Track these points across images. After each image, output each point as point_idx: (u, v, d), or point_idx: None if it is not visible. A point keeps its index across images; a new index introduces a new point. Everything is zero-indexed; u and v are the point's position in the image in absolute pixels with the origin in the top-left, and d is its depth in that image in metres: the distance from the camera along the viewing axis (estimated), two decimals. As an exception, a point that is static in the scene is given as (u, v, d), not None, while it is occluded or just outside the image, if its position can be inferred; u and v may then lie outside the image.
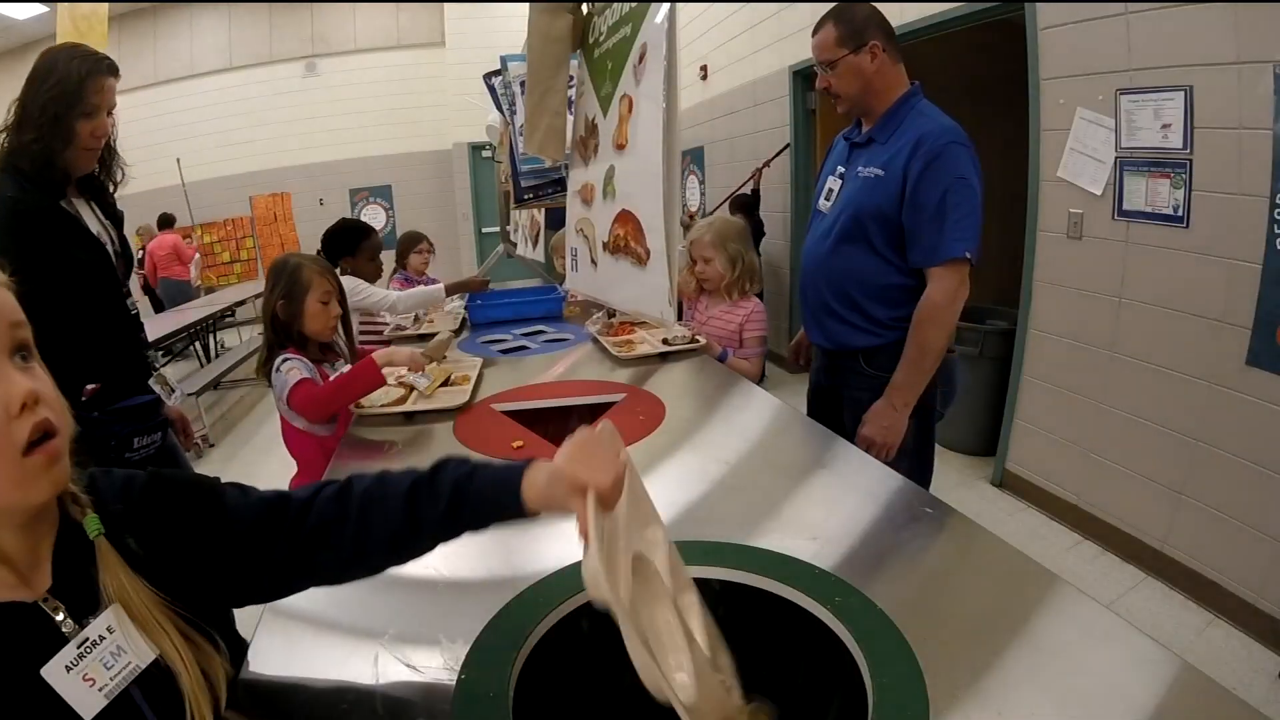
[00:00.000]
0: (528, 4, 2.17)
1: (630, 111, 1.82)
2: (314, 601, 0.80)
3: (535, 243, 3.86)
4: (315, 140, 8.49)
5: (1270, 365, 1.94)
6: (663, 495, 1.09)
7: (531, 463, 0.70)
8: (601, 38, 2.01)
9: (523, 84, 2.38)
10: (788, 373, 4.74)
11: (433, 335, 2.06)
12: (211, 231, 8.62)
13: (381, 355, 1.61)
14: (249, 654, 0.76)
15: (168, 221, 7.35)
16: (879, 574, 0.83)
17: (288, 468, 1.86)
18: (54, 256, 1.37)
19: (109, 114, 1.46)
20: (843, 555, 0.88)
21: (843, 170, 1.72)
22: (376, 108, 8.51)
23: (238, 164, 8.41)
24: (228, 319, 6.47)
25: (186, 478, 0.70)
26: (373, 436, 1.49)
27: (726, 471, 1.17)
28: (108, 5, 3.84)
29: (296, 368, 1.61)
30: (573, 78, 2.29)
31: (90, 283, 1.46)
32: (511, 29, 4.04)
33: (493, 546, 0.98)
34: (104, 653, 0.57)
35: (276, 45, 8.39)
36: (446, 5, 8.28)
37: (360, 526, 0.69)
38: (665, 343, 1.97)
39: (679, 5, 1.64)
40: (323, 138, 8.49)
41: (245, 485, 0.71)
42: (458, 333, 2.48)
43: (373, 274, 2.72)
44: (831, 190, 1.73)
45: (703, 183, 5.96)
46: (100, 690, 0.56)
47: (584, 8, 2.14)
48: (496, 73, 2.94)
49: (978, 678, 0.66)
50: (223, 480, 0.71)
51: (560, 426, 1.65)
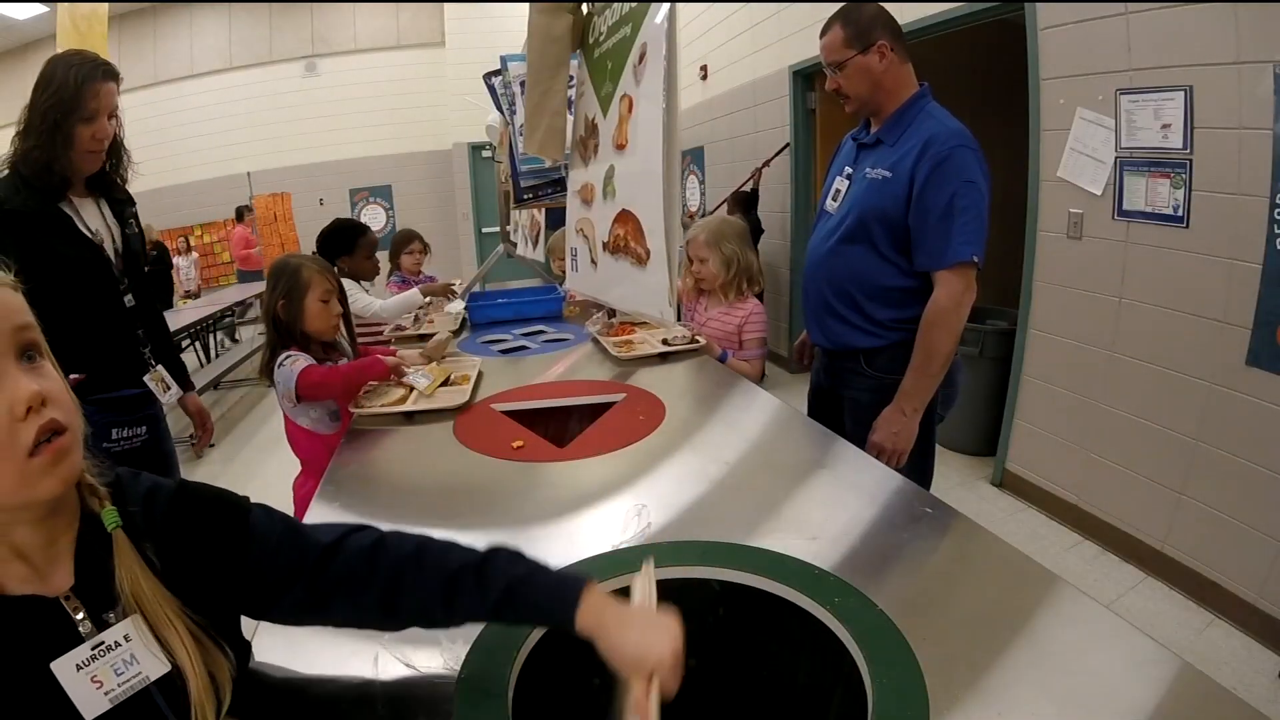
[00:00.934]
0: (528, 4, 2.16)
1: (630, 111, 1.82)
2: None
3: (535, 243, 3.86)
4: (315, 140, 8.49)
5: (1270, 365, 1.94)
6: (663, 495, 1.10)
7: (589, 584, 0.67)
8: (601, 38, 2.01)
9: (523, 84, 2.38)
10: (787, 372, 4.74)
11: (432, 335, 2.06)
12: (211, 231, 8.63)
13: (392, 362, 1.69)
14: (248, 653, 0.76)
15: (240, 214, 7.33)
16: (879, 574, 0.83)
17: (288, 467, 1.87)
18: (36, 253, 1.43)
19: (111, 117, 1.51)
20: (843, 555, 0.87)
21: (850, 171, 1.71)
22: (376, 108, 8.52)
23: (238, 164, 8.42)
24: (228, 319, 6.47)
25: (214, 493, 0.68)
26: (373, 436, 1.49)
27: (726, 471, 1.17)
28: (108, 5, 3.85)
29: (299, 359, 1.63)
30: (573, 78, 2.29)
31: (75, 279, 1.51)
32: (511, 29, 4.04)
33: (493, 546, 0.98)
34: (117, 659, 0.57)
35: (276, 45, 8.40)
36: (446, 5, 8.29)
37: (388, 592, 0.67)
38: (665, 343, 1.97)
39: (679, 5, 1.64)
40: (323, 138, 8.50)
41: (272, 509, 0.70)
42: (457, 333, 2.48)
43: (370, 272, 2.74)
44: (839, 191, 1.73)
45: (703, 183, 5.96)
46: (106, 694, 0.56)
47: (584, 8, 2.14)
48: (496, 73, 2.94)
49: (978, 678, 0.66)
50: (214, 481, 0.69)
51: (560, 426, 1.65)
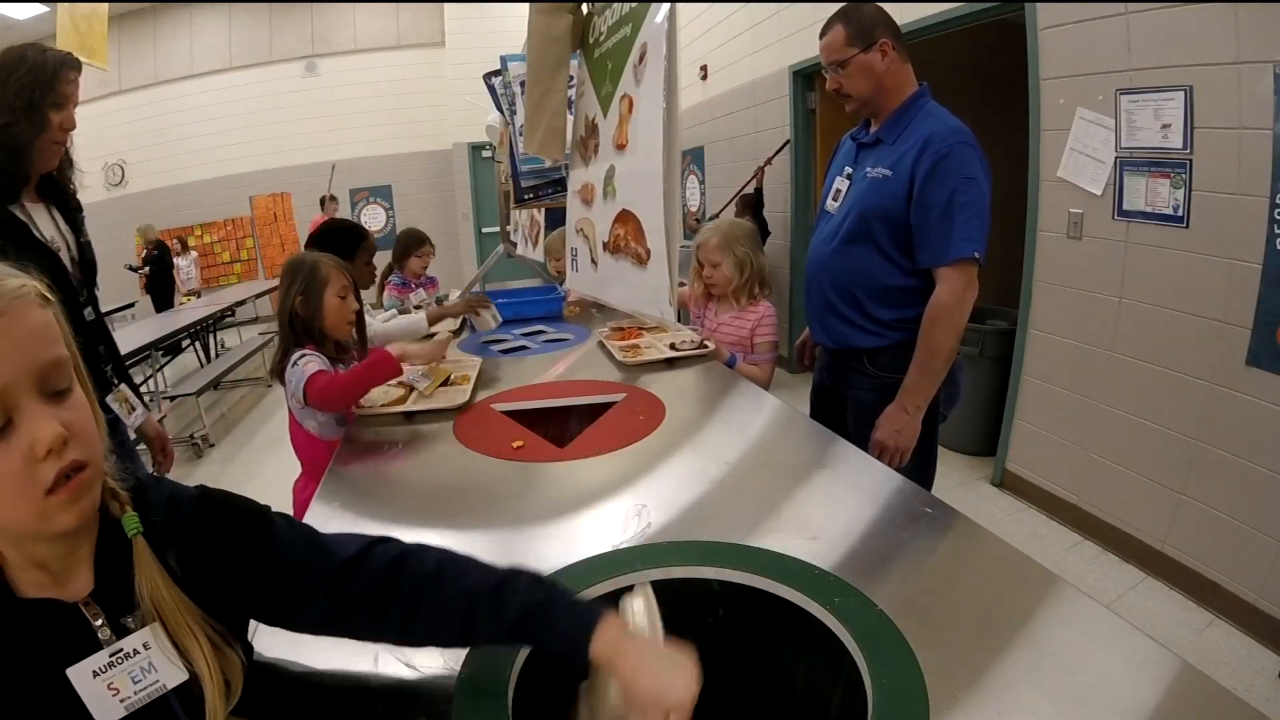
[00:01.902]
0: (528, 4, 2.16)
1: (630, 111, 1.82)
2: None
3: (535, 243, 3.85)
4: (315, 140, 8.49)
5: (1270, 365, 1.94)
6: (663, 495, 1.10)
7: (605, 615, 0.67)
8: (601, 38, 2.01)
9: (523, 84, 2.38)
10: (788, 372, 4.74)
11: (432, 335, 2.06)
12: (211, 231, 8.63)
13: (395, 349, 1.61)
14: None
15: (324, 204, 7.32)
16: (879, 574, 0.83)
17: (288, 468, 1.86)
18: None
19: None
20: (843, 555, 0.87)
21: (850, 171, 1.71)
22: (376, 108, 8.52)
23: (238, 164, 8.42)
24: (228, 319, 6.47)
25: (237, 502, 0.68)
26: (373, 436, 1.49)
27: (726, 471, 1.17)
28: (108, 5, 3.84)
29: (312, 360, 1.59)
30: (573, 78, 2.29)
31: None
32: (511, 29, 4.03)
33: (493, 546, 0.98)
34: (134, 667, 0.57)
35: (276, 45, 8.40)
36: (446, 5, 8.28)
37: (408, 611, 0.67)
38: (673, 348, 1.91)
39: (679, 5, 1.64)
40: (323, 138, 8.49)
41: (294, 519, 0.70)
42: (457, 333, 2.48)
43: (368, 279, 2.65)
44: (839, 191, 1.72)
45: (703, 183, 5.96)
46: (122, 702, 0.56)
47: (584, 8, 2.14)
48: (496, 73, 2.94)
49: (978, 678, 0.66)
50: (213, 484, 0.69)
51: (560, 426, 1.65)
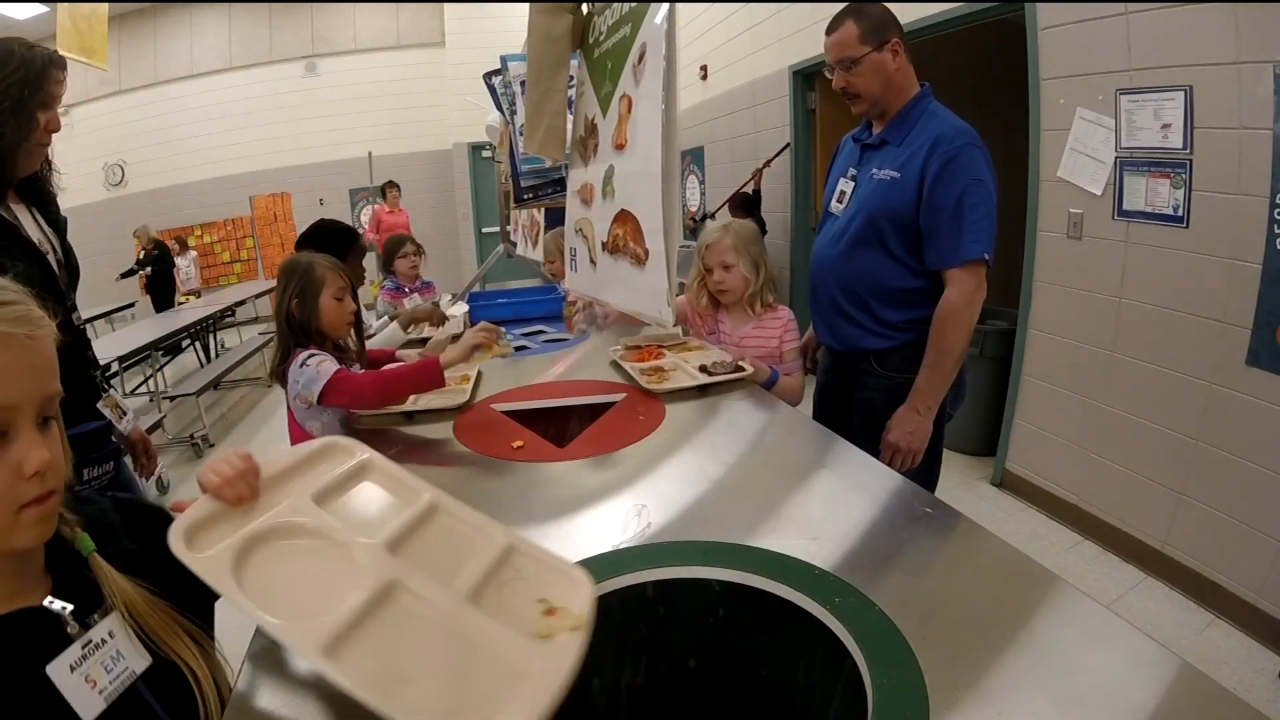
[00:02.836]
0: (528, 4, 2.16)
1: (630, 111, 1.81)
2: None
3: (535, 243, 3.86)
4: (315, 140, 8.49)
5: (1270, 365, 1.94)
6: (663, 495, 1.10)
7: None
8: (601, 38, 2.01)
9: (523, 84, 2.38)
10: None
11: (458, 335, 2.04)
12: (211, 231, 8.63)
13: (446, 359, 1.52)
14: (248, 652, 0.76)
15: (383, 192, 7.32)
16: (879, 574, 0.83)
17: (288, 468, 1.85)
18: None
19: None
20: (843, 555, 0.87)
21: (854, 172, 1.70)
22: (376, 108, 8.51)
23: (238, 164, 8.42)
24: (228, 319, 6.47)
25: (147, 505, 0.78)
26: (373, 436, 1.48)
27: (726, 471, 1.17)
28: (108, 5, 3.84)
29: (327, 360, 1.53)
30: (573, 78, 2.29)
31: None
32: (511, 29, 4.04)
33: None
34: (105, 656, 0.59)
35: (276, 45, 8.40)
36: (446, 5, 8.28)
37: None
38: (704, 370, 1.63)
39: (679, 5, 1.64)
40: (323, 138, 8.49)
41: None
42: (457, 336, 2.47)
43: (358, 281, 2.66)
44: (844, 192, 1.71)
45: (703, 183, 5.96)
46: (100, 693, 0.58)
47: (584, 8, 2.14)
48: (496, 73, 2.94)
49: (978, 678, 0.65)
50: None
51: (560, 426, 1.65)
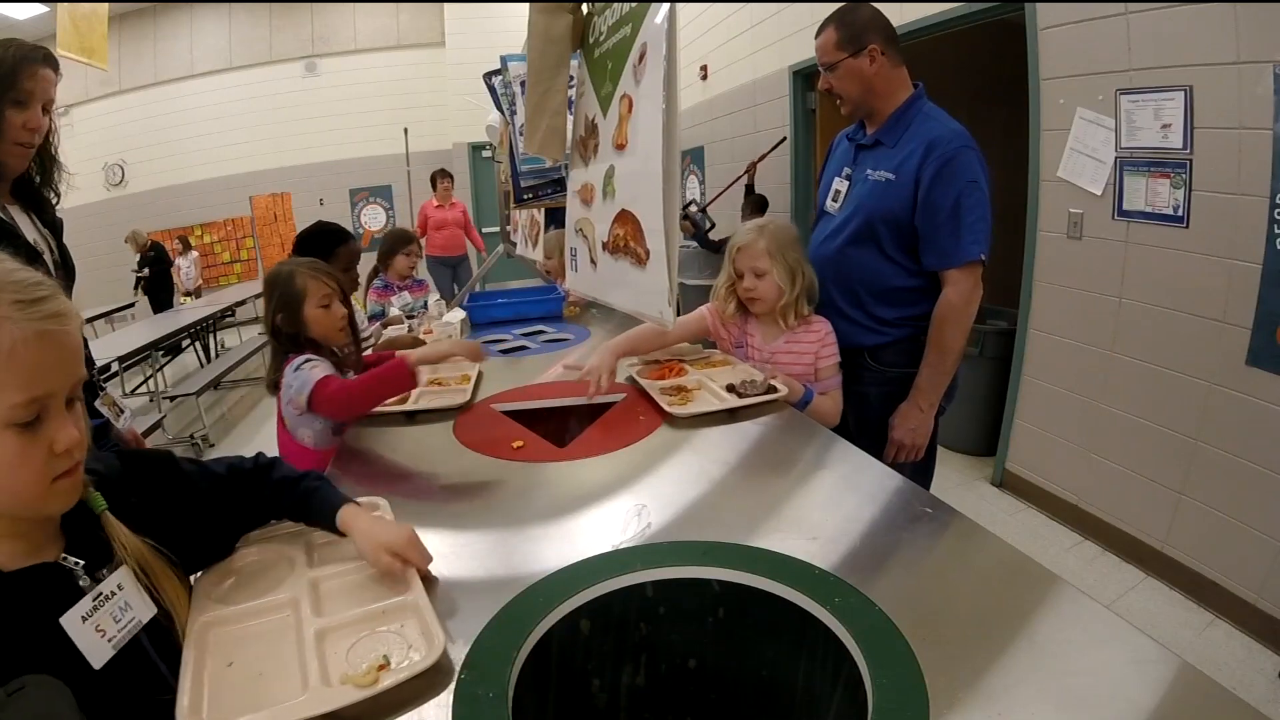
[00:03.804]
0: (528, 4, 2.16)
1: (630, 111, 1.81)
2: (314, 601, 0.79)
3: (535, 243, 3.85)
4: (315, 140, 8.49)
5: (1270, 365, 1.94)
6: (663, 495, 1.10)
7: (350, 502, 0.90)
8: (601, 38, 2.00)
9: (523, 84, 2.38)
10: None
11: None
12: (211, 231, 8.63)
13: (413, 358, 1.45)
14: None
15: (434, 182, 6.42)
16: (879, 574, 0.83)
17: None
18: None
19: (46, 112, 1.35)
20: (843, 555, 0.87)
21: (849, 172, 1.72)
22: (376, 108, 8.50)
23: (238, 164, 8.42)
24: (228, 319, 6.47)
25: (148, 452, 0.87)
26: (373, 436, 1.48)
27: (726, 471, 1.17)
28: (108, 5, 3.84)
29: (319, 365, 1.51)
30: (573, 78, 2.29)
31: None
32: (511, 29, 4.04)
33: (493, 546, 0.98)
34: (114, 607, 0.66)
35: (276, 45, 8.40)
36: (446, 5, 8.28)
37: (271, 494, 0.92)
38: (732, 390, 1.48)
39: (679, 5, 1.63)
40: (323, 138, 8.49)
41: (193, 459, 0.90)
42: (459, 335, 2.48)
43: (349, 285, 2.54)
44: (839, 192, 1.73)
45: (703, 183, 5.96)
46: (109, 641, 0.64)
47: (584, 8, 2.14)
48: (496, 73, 2.94)
49: (978, 678, 0.65)
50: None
51: (560, 426, 1.65)
